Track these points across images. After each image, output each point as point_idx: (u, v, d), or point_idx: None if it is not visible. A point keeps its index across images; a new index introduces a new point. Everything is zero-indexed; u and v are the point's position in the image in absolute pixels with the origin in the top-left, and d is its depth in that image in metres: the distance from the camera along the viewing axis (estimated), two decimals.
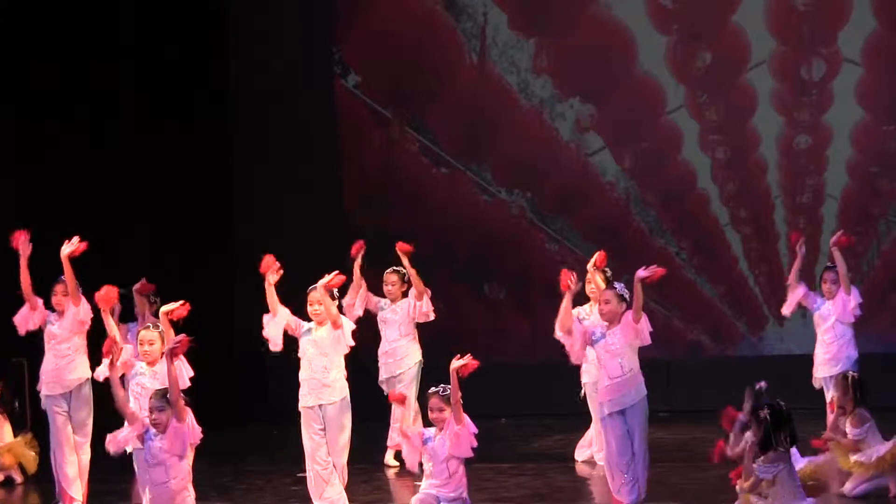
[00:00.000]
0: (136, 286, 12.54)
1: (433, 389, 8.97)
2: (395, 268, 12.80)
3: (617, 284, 10.23)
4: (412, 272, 12.55)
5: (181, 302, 10.10)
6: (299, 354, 10.44)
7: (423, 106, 16.51)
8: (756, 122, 15.84)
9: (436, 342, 16.06)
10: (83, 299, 10.92)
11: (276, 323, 10.44)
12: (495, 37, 16.31)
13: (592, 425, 12.08)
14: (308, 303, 10.39)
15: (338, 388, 10.33)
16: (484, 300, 16.38)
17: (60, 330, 10.95)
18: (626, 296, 9.95)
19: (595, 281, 11.47)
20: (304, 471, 10.54)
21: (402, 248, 12.63)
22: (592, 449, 12.15)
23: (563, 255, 16.07)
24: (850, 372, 10.72)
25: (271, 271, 10.41)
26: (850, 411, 10.33)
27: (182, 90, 15.98)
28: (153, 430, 8.63)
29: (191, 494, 8.71)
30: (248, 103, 16.65)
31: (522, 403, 15.34)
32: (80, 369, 10.98)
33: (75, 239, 10.75)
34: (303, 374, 10.39)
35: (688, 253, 16.02)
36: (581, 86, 16.15)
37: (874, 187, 15.67)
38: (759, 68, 15.77)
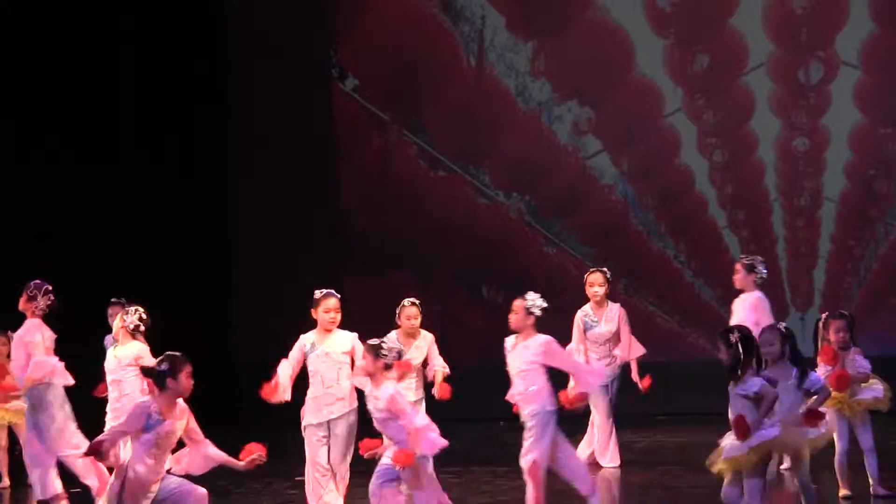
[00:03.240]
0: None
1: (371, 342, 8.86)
2: (414, 300, 11.30)
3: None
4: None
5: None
6: (310, 373, 9.95)
7: (420, 109, 16.51)
8: (754, 124, 15.84)
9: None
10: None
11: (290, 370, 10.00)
12: (493, 40, 16.32)
13: (593, 427, 12.01)
14: (323, 309, 9.86)
15: (350, 398, 9.94)
16: (482, 302, 16.38)
17: None
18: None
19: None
20: (303, 475, 10.52)
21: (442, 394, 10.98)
22: (604, 458, 11.96)
23: (561, 258, 16.09)
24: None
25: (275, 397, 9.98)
26: (851, 346, 10.25)
27: (180, 93, 15.98)
28: (155, 415, 8.43)
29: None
30: (247, 107, 16.65)
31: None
32: None
33: None
34: (314, 392, 9.94)
35: (686, 255, 16.03)
36: (579, 89, 16.16)
37: (872, 190, 15.68)
38: (756, 71, 15.78)
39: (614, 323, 11.97)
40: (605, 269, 12.13)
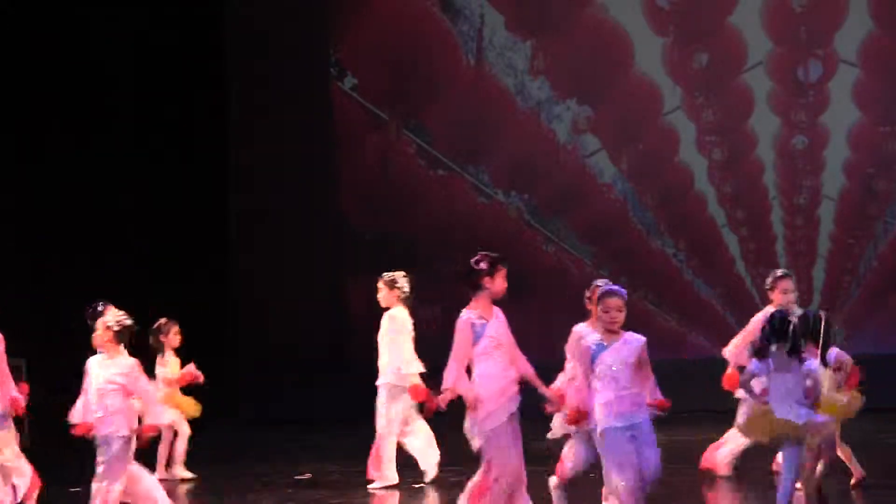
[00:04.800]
0: None
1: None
2: (787, 271, 10.60)
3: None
4: None
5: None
6: (598, 376, 8.63)
7: (420, 108, 16.51)
8: (753, 123, 15.85)
9: (434, 344, 16.09)
10: None
11: None
12: (492, 38, 16.32)
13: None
14: (603, 308, 8.59)
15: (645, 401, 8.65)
16: None
17: None
18: None
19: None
20: (303, 474, 10.52)
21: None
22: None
23: (560, 257, 16.09)
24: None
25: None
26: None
27: (180, 93, 15.99)
28: (478, 320, 8.58)
29: None
30: (246, 106, 16.66)
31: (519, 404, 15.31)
32: None
33: None
34: (607, 396, 8.53)
35: (685, 254, 16.04)
36: (578, 87, 16.17)
37: (871, 188, 15.68)
38: (755, 69, 15.78)
39: None
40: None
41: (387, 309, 11.11)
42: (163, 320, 11.97)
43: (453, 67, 16.42)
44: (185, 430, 11.99)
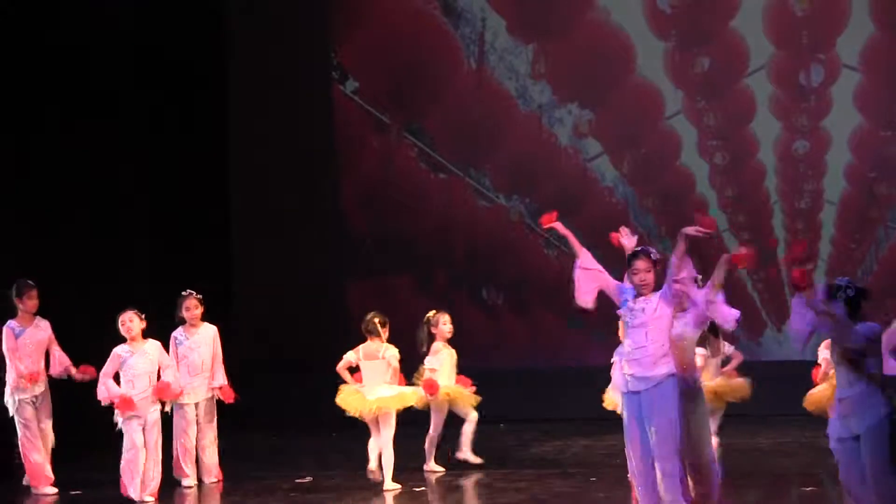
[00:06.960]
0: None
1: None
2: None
3: None
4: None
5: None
6: None
7: (421, 111, 16.52)
8: (754, 127, 15.85)
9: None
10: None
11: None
12: (494, 42, 16.33)
13: None
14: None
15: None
16: (482, 305, 16.38)
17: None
18: None
19: None
20: (304, 477, 10.50)
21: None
22: None
23: (561, 260, 16.07)
24: None
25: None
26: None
27: (180, 94, 15.99)
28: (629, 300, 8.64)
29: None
30: (247, 109, 16.66)
31: (520, 409, 15.33)
32: None
33: None
34: None
35: None
36: (579, 91, 16.17)
37: (872, 193, 15.67)
38: (757, 74, 15.78)
39: None
40: None
41: (193, 325, 12.13)
42: (432, 312, 12.24)
43: (455, 71, 16.43)
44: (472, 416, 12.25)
